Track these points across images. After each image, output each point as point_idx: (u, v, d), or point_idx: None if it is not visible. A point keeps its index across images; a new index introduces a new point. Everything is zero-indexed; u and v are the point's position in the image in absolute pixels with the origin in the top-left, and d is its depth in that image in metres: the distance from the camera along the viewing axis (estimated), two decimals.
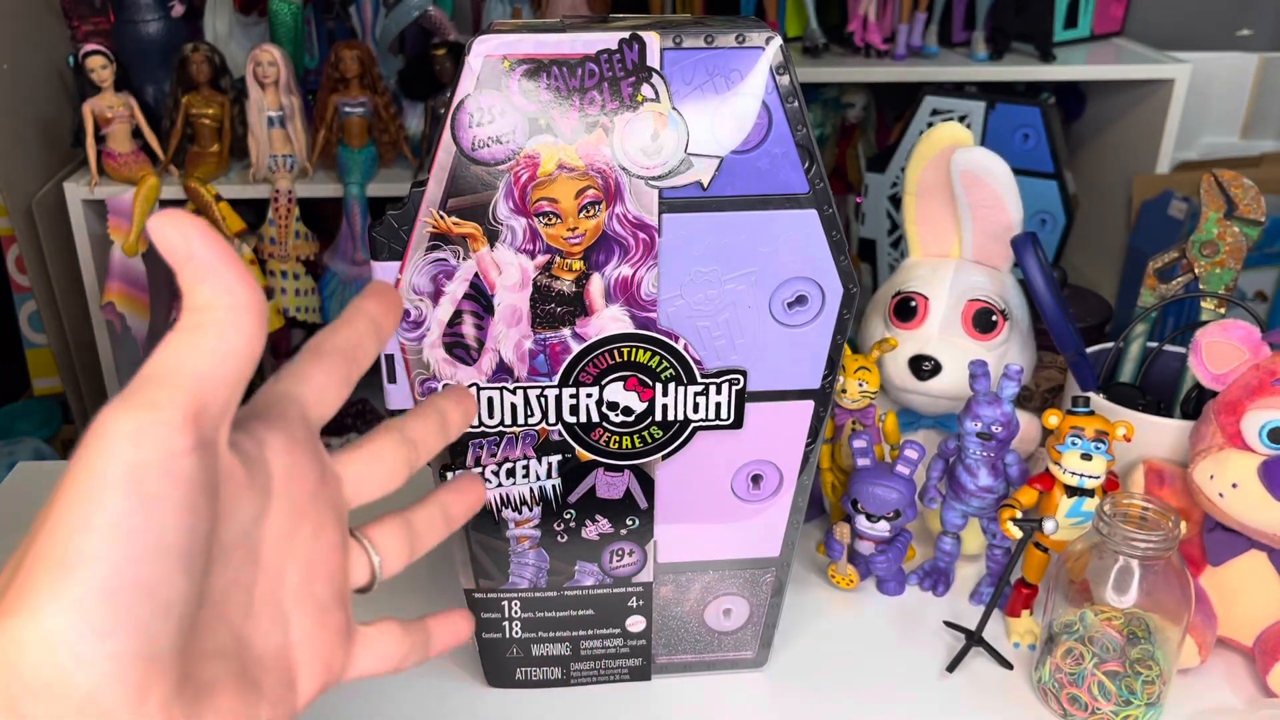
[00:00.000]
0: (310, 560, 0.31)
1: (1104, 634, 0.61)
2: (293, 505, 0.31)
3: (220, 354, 0.27)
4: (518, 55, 0.48)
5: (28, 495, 0.84)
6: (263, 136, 1.54)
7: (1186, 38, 1.96)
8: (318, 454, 0.32)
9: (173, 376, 0.26)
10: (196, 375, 0.26)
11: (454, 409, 0.38)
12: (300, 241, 1.61)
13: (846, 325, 0.55)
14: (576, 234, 0.51)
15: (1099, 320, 0.92)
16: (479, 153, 0.49)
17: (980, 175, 0.73)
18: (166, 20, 1.63)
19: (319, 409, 0.32)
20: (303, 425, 0.31)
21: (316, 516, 0.32)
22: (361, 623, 0.35)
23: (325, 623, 0.32)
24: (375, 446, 0.34)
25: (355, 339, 0.34)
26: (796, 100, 0.50)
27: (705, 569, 0.62)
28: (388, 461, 0.34)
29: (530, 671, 0.65)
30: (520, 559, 0.60)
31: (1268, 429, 0.61)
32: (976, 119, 1.42)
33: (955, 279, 0.76)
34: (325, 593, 0.32)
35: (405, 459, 0.35)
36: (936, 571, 0.74)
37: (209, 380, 0.26)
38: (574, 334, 0.53)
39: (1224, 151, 1.99)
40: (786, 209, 0.52)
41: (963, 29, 1.82)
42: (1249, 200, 0.73)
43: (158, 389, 0.26)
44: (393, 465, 0.34)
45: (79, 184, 1.54)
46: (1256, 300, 1.69)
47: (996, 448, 0.68)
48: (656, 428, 0.56)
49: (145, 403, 0.26)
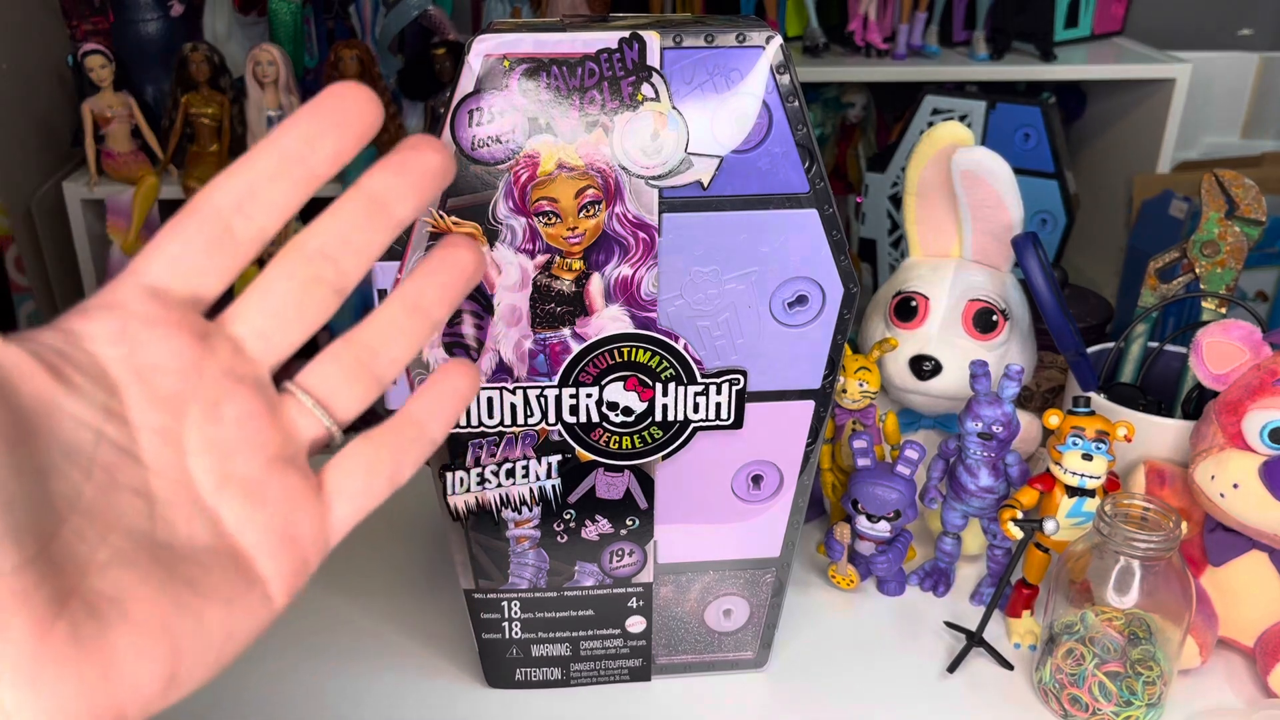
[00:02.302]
0: (215, 442, 0.28)
1: (1105, 635, 0.61)
2: (156, 393, 0.27)
3: None
4: (517, 54, 0.48)
5: None
6: (262, 136, 1.54)
7: (1187, 37, 1.96)
8: (183, 328, 0.28)
9: None
10: None
11: (398, 173, 0.29)
12: None
13: (847, 325, 0.55)
14: (576, 234, 0.51)
15: (1099, 320, 0.92)
16: (479, 152, 0.49)
17: (981, 175, 0.73)
18: (166, 20, 1.63)
19: (181, 276, 0.28)
20: (148, 303, 0.27)
21: (204, 395, 0.28)
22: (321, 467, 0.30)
23: (265, 498, 0.29)
24: (263, 279, 0.29)
25: (239, 184, 0.28)
26: (797, 100, 0.50)
27: (705, 569, 0.62)
28: (288, 297, 0.29)
29: (530, 672, 0.65)
30: (520, 559, 0.60)
31: (1269, 429, 0.61)
32: (977, 118, 1.41)
33: (956, 279, 0.76)
34: (252, 467, 0.28)
35: (313, 281, 0.29)
36: (937, 572, 0.74)
37: None
38: (574, 334, 0.53)
39: (1225, 151, 1.99)
40: (787, 209, 0.52)
41: (963, 28, 1.81)
42: (1250, 200, 0.73)
43: None
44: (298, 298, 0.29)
45: (78, 184, 1.54)
46: (1257, 300, 1.69)
47: (997, 448, 0.67)
48: (656, 428, 0.56)
49: None
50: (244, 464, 0.28)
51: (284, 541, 0.29)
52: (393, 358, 0.31)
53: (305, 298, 0.29)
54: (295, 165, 0.28)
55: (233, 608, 0.27)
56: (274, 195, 0.28)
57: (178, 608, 0.26)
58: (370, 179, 0.29)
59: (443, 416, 0.32)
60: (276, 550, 0.29)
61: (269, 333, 0.29)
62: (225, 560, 0.28)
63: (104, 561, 0.25)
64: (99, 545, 0.26)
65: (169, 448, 0.27)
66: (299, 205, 0.28)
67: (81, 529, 0.25)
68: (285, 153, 0.28)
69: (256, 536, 0.28)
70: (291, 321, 0.29)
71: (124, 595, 0.25)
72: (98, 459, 0.26)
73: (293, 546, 0.29)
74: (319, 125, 0.28)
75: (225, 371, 0.28)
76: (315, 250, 0.29)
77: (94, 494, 0.26)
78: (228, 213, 0.28)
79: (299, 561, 0.29)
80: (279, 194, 0.28)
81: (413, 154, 0.29)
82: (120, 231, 1.54)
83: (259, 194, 0.28)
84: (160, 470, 0.27)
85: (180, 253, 0.28)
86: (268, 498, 0.29)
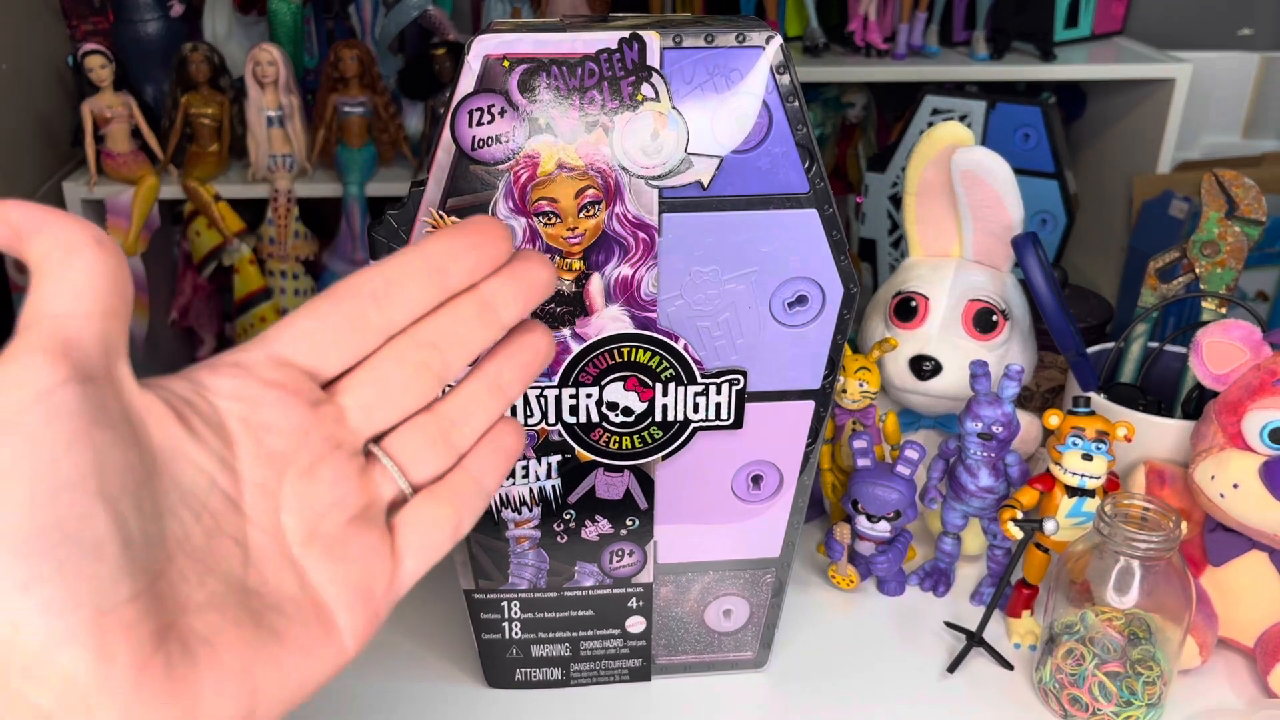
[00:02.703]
0: (308, 501, 0.30)
1: (1105, 635, 0.61)
2: (265, 450, 0.29)
3: (69, 291, 0.26)
4: (517, 55, 0.48)
5: None
6: (262, 136, 1.54)
7: (1187, 37, 1.96)
8: (299, 395, 0.30)
9: (28, 324, 0.26)
10: (52, 315, 0.26)
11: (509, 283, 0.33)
12: (299, 241, 1.61)
13: (847, 325, 0.55)
14: (576, 234, 0.51)
15: (1100, 320, 0.92)
16: (479, 152, 0.49)
17: (981, 175, 0.73)
18: (166, 20, 1.63)
19: (308, 350, 0.30)
20: (271, 367, 0.30)
21: (306, 457, 0.30)
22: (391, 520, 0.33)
23: (346, 555, 0.31)
24: (377, 359, 0.31)
25: (382, 280, 0.31)
26: (797, 100, 0.50)
27: (705, 569, 0.62)
28: (396, 379, 0.31)
29: (530, 672, 0.65)
30: (520, 559, 0.60)
31: (1269, 429, 0.61)
32: (977, 118, 1.41)
33: (956, 279, 0.76)
34: (337, 525, 0.31)
35: (422, 367, 0.32)
36: (937, 572, 0.74)
37: (68, 318, 0.26)
38: (574, 334, 0.53)
39: (1225, 151, 1.99)
40: (787, 209, 0.52)
41: (963, 28, 1.81)
42: (1250, 200, 0.73)
43: (16, 340, 0.25)
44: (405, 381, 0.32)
45: (78, 184, 1.54)
46: (1257, 300, 1.69)
47: (997, 448, 0.67)
48: (656, 428, 0.56)
49: (7, 356, 0.25)
50: (330, 522, 0.31)
51: (360, 595, 0.31)
52: (472, 429, 0.34)
53: (411, 381, 0.32)
54: (435, 273, 0.31)
55: (309, 656, 0.29)
56: (410, 294, 0.31)
57: (261, 652, 0.28)
58: (487, 284, 0.32)
59: (496, 472, 0.34)
60: (353, 603, 0.31)
61: (372, 408, 0.32)
62: (306, 611, 0.30)
63: (201, 602, 0.27)
64: (198, 586, 0.28)
65: (267, 501, 0.30)
66: (428, 309, 0.31)
67: (185, 569, 0.27)
68: (430, 261, 0.31)
69: (336, 590, 0.30)
70: (395, 400, 0.32)
71: (215, 636, 0.27)
72: (208, 504, 0.28)
73: (368, 600, 0.31)
74: (463, 245, 0.31)
75: (327, 437, 0.31)
76: (426, 340, 0.32)
77: (200, 537, 0.28)
78: (365, 301, 0.31)
79: (371, 614, 0.31)
80: (414, 294, 0.31)
81: (524, 266, 0.33)
82: (120, 231, 1.54)
83: (397, 291, 0.31)
84: (258, 521, 0.29)
85: (312, 329, 0.31)
86: (349, 554, 0.31)
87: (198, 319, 1.72)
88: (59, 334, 0.26)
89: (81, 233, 0.27)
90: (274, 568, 0.30)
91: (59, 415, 0.24)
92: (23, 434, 0.24)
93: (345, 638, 0.31)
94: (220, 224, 1.55)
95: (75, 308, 0.26)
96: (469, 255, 0.31)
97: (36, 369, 0.25)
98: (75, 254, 0.27)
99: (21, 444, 0.24)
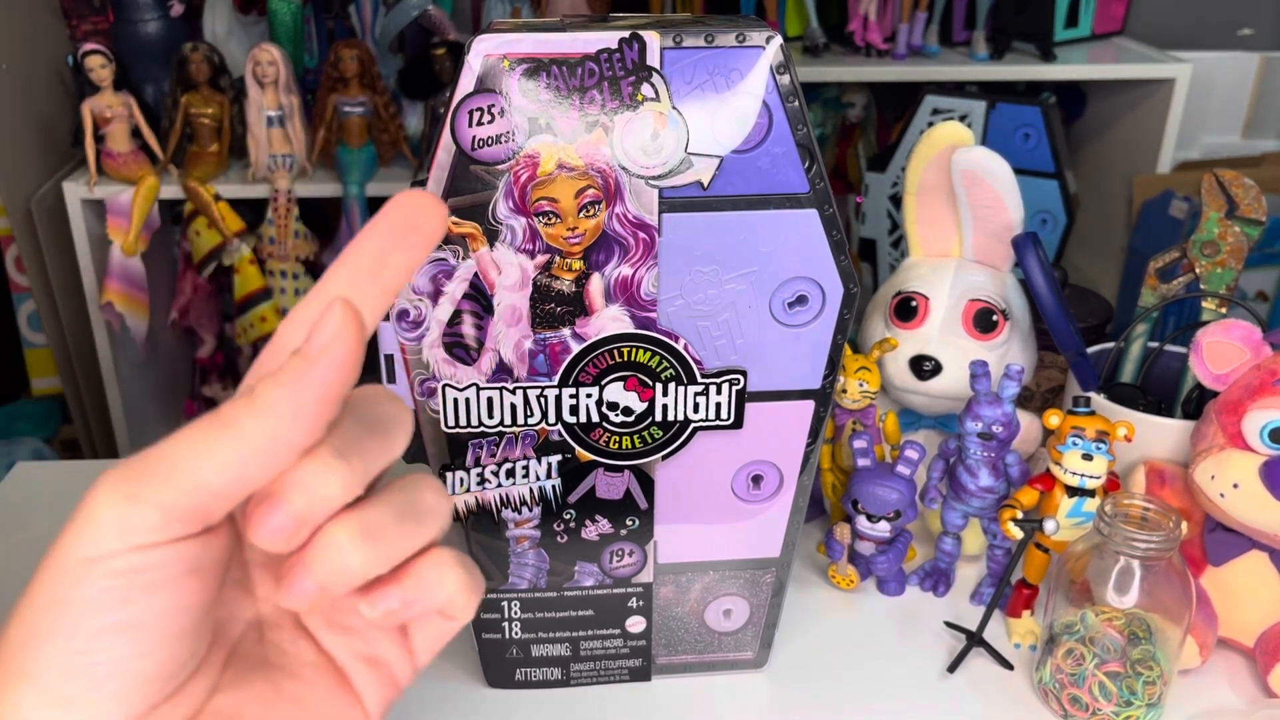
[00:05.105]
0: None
1: (1105, 634, 0.61)
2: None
3: (232, 472, 0.25)
4: (517, 54, 0.48)
5: (26, 495, 0.84)
6: (262, 136, 1.54)
7: (1187, 37, 1.96)
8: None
9: (172, 473, 0.26)
10: (196, 485, 0.25)
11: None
12: (300, 241, 1.61)
13: (847, 325, 0.55)
14: (576, 234, 0.51)
15: (1100, 320, 0.92)
16: (479, 152, 0.49)
17: (981, 175, 0.73)
18: (166, 20, 1.63)
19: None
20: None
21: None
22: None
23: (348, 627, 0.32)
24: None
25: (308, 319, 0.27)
26: (797, 99, 0.50)
27: (705, 569, 0.62)
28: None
29: (530, 672, 0.65)
30: (520, 559, 0.60)
31: (1269, 429, 0.61)
32: (977, 118, 1.41)
33: (956, 279, 0.76)
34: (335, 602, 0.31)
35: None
36: (937, 572, 0.74)
37: (207, 492, 0.26)
38: (574, 334, 0.53)
39: (1225, 151, 1.99)
40: (787, 209, 0.52)
41: (963, 28, 1.81)
42: (1250, 200, 0.73)
43: (149, 482, 0.25)
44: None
45: (78, 183, 1.54)
46: (1257, 300, 1.69)
47: (997, 448, 0.67)
48: (656, 428, 0.56)
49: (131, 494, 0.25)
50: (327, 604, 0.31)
51: (371, 664, 0.32)
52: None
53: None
54: (366, 285, 0.27)
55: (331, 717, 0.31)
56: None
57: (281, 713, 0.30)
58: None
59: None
60: (366, 672, 0.32)
61: None
62: (326, 676, 0.31)
63: (226, 684, 0.29)
64: (222, 670, 0.29)
65: (271, 575, 0.31)
66: (375, 323, 0.28)
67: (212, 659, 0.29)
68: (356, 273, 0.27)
69: (346, 658, 0.31)
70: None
71: (240, 712, 0.29)
72: (222, 597, 0.29)
73: (380, 668, 0.32)
74: (389, 241, 0.28)
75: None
76: None
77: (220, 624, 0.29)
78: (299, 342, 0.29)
79: (388, 683, 0.32)
80: None
81: None
82: (120, 231, 1.54)
83: None
84: (266, 597, 0.31)
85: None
86: (350, 627, 0.32)
87: (198, 319, 1.72)
88: (187, 499, 0.26)
89: (301, 435, 0.26)
90: (288, 639, 0.31)
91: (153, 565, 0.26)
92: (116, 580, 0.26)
93: (366, 701, 0.32)
94: (220, 224, 1.55)
95: (221, 486, 0.26)
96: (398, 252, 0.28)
97: (149, 527, 0.26)
98: (275, 451, 0.26)
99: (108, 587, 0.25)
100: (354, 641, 0.31)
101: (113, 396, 1.67)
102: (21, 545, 0.76)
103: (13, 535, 0.78)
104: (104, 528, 0.25)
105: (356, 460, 0.27)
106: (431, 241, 0.28)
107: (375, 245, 0.27)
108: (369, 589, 0.29)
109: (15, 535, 0.78)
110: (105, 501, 0.25)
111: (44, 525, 0.79)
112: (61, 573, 0.25)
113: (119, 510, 0.25)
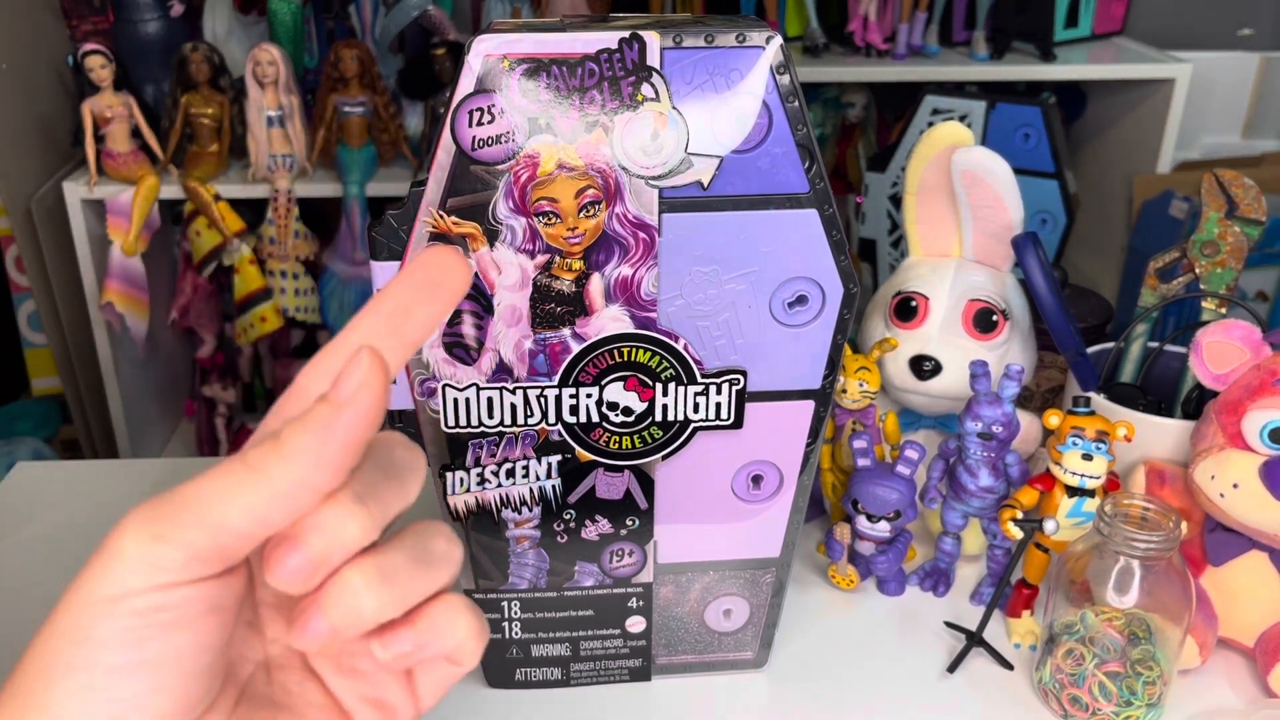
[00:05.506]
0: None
1: (1105, 635, 0.61)
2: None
3: (257, 515, 0.26)
4: (517, 55, 0.48)
5: (26, 495, 0.84)
6: (262, 136, 1.54)
7: (1187, 37, 1.96)
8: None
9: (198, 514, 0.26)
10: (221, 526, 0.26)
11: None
12: (299, 241, 1.61)
13: (847, 325, 0.55)
14: (576, 234, 0.51)
15: (1099, 320, 0.92)
16: (479, 152, 0.49)
17: (981, 175, 0.73)
18: (166, 20, 1.63)
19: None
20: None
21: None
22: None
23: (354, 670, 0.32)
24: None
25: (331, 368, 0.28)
26: (797, 100, 0.50)
27: (705, 569, 0.62)
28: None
29: (530, 672, 0.65)
30: (520, 559, 0.60)
31: (1269, 429, 0.61)
32: (977, 118, 1.41)
33: (956, 279, 0.76)
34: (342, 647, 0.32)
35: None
36: (937, 572, 0.74)
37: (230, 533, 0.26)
38: (574, 334, 0.53)
39: (1225, 151, 1.99)
40: (787, 209, 0.52)
41: (963, 28, 1.81)
42: (1250, 200, 0.73)
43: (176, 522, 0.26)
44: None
45: (78, 183, 1.54)
46: (1257, 300, 1.69)
47: (997, 448, 0.67)
48: (656, 428, 0.56)
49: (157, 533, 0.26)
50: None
51: (377, 707, 0.32)
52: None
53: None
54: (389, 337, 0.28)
55: None
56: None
57: None
58: None
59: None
60: (371, 715, 0.32)
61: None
62: (332, 717, 0.31)
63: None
64: (233, 709, 0.30)
65: (281, 617, 0.31)
66: (397, 374, 0.28)
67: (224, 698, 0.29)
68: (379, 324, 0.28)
69: (352, 701, 0.32)
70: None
71: None
72: (233, 637, 0.30)
73: (385, 711, 0.32)
74: (413, 294, 0.28)
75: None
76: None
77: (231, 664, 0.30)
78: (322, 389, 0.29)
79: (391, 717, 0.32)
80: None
81: None
82: (120, 231, 1.54)
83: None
84: (275, 638, 0.31)
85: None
86: (357, 670, 0.32)
87: (198, 319, 1.72)
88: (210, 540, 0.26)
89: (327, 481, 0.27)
90: (296, 679, 0.31)
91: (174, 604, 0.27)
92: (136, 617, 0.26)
93: None
94: (220, 224, 1.55)
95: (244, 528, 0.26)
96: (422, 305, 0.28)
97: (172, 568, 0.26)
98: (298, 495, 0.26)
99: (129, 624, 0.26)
100: (361, 684, 0.32)
101: (113, 396, 1.67)
102: (21, 545, 0.76)
103: (13, 535, 0.78)
104: (129, 565, 0.25)
105: (374, 505, 0.27)
106: (455, 298, 0.28)
107: (400, 298, 0.28)
108: (382, 631, 0.29)
109: (15, 535, 0.78)
110: (132, 539, 0.26)
111: (44, 525, 0.79)
112: (83, 609, 0.26)
113: (145, 549, 0.26)
